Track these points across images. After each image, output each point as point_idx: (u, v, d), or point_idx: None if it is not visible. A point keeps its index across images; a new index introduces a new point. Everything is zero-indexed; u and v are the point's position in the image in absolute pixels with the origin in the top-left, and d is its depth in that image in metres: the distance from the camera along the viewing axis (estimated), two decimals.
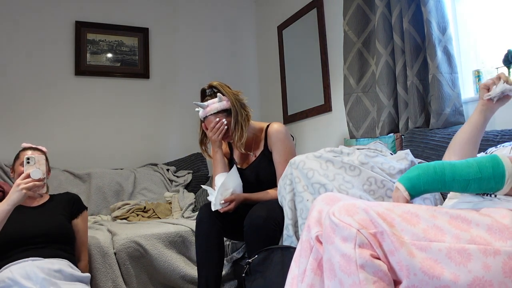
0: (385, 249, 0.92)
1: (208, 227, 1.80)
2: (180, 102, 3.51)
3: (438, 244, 0.90)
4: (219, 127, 1.85)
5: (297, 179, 1.66)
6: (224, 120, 1.84)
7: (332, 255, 0.94)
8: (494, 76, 1.26)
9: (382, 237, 0.92)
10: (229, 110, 1.86)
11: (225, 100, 1.85)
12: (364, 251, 0.90)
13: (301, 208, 1.64)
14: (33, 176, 1.47)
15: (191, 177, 3.14)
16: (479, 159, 1.05)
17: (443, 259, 0.88)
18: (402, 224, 0.93)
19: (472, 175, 1.04)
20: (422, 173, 1.09)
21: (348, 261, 0.90)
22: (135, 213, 2.70)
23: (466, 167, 1.05)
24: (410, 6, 2.05)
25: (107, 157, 3.20)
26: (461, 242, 0.89)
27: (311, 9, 2.99)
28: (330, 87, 2.85)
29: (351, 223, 0.93)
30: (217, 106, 1.84)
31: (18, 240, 1.64)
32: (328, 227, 0.96)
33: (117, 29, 3.33)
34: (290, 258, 1.49)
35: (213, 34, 3.70)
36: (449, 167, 1.06)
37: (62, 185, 2.79)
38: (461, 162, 1.07)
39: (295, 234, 1.63)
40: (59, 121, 3.10)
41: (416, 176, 1.09)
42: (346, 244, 0.92)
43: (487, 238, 0.89)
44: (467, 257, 0.88)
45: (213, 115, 1.85)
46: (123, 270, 2.04)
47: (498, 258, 0.87)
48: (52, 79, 3.11)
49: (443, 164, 1.07)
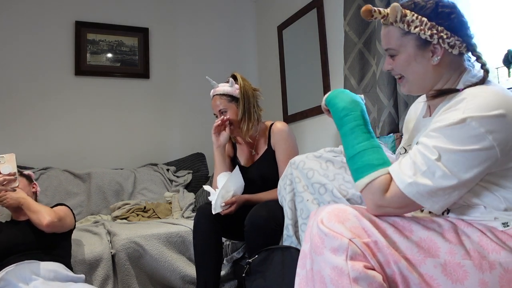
0: (380, 260, 0.87)
1: (205, 228, 1.81)
2: (180, 102, 3.51)
3: (433, 260, 0.87)
4: (221, 124, 1.88)
5: (297, 179, 1.66)
6: (228, 116, 1.87)
7: (322, 268, 0.88)
8: None
9: (376, 247, 0.87)
10: (236, 98, 1.90)
11: (236, 88, 1.90)
12: (357, 264, 0.85)
13: (301, 208, 1.64)
14: (3, 171, 1.63)
15: (191, 177, 3.14)
16: (369, 148, 0.97)
17: (439, 276, 0.86)
18: (395, 236, 0.89)
19: (347, 151, 1.01)
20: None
21: (340, 275, 0.85)
22: (135, 213, 2.70)
23: (350, 145, 1.00)
24: None
25: (107, 157, 3.20)
26: (456, 257, 0.86)
27: (311, 9, 2.99)
28: (330, 87, 2.84)
29: (342, 232, 0.87)
30: (225, 89, 1.90)
31: (11, 247, 1.70)
32: (316, 237, 0.90)
33: (117, 29, 3.32)
34: (290, 258, 1.49)
35: (213, 34, 3.70)
36: (347, 130, 1.01)
37: (62, 185, 2.79)
38: (355, 135, 1.00)
39: (295, 234, 1.63)
40: (59, 121, 3.09)
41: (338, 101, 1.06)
42: (337, 256, 0.86)
43: (481, 252, 0.87)
44: (463, 274, 0.85)
45: (219, 96, 1.91)
46: (123, 271, 2.04)
47: (494, 273, 0.85)
48: (52, 79, 3.11)
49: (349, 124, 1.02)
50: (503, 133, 0.84)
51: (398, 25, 0.99)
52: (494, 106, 0.85)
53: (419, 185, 0.88)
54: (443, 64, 1.00)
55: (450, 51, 0.98)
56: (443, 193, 0.87)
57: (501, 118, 0.84)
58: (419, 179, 0.88)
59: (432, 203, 0.89)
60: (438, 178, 0.87)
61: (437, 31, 0.97)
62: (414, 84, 1.04)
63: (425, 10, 0.98)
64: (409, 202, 0.90)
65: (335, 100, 1.07)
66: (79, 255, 1.97)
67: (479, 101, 0.87)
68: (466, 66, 1.02)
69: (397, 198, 0.90)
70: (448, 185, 0.87)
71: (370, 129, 1.02)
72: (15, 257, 1.67)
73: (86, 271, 1.94)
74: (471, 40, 1.00)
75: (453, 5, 1.00)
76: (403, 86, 1.07)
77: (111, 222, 2.50)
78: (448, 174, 0.86)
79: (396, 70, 1.05)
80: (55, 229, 1.73)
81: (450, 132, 0.87)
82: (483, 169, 0.86)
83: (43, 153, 2.99)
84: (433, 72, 1.01)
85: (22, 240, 1.72)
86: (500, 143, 0.85)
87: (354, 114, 1.02)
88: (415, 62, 1.01)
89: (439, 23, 0.97)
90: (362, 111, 1.03)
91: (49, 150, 3.03)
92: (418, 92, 1.07)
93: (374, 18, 1.00)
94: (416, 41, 0.99)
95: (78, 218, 2.71)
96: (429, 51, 0.99)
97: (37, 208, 1.73)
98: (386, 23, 1.02)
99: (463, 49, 0.99)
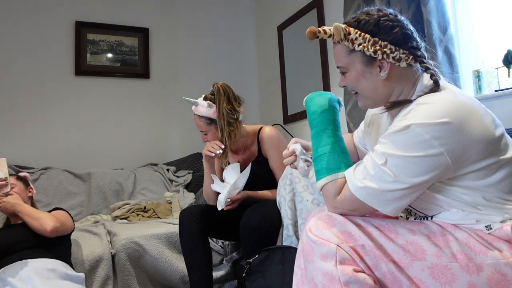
0: (369, 263, 0.89)
1: (190, 229, 1.82)
2: (180, 102, 3.49)
3: (420, 263, 0.88)
4: (213, 150, 1.84)
5: (297, 179, 1.66)
6: (219, 149, 1.83)
7: (314, 275, 0.90)
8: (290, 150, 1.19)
9: (364, 250, 0.89)
10: (214, 120, 1.88)
11: (213, 111, 1.87)
12: (346, 268, 0.87)
13: (300, 208, 1.64)
14: None
15: (191, 177, 3.14)
16: (336, 151, 1.02)
17: (427, 279, 0.87)
18: (380, 239, 0.91)
19: (313, 153, 1.06)
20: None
21: (331, 280, 0.87)
22: (135, 213, 2.70)
23: (314, 148, 1.05)
24: (410, 7, 2.05)
25: (107, 157, 3.20)
26: (442, 260, 0.87)
27: (311, 9, 2.99)
28: (330, 87, 2.84)
29: (330, 238, 0.90)
30: (203, 111, 1.89)
31: (10, 245, 1.70)
32: (306, 245, 0.93)
33: (117, 29, 3.32)
34: (290, 258, 1.49)
35: (213, 34, 3.70)
36: (322, 133, 1.06)
37: (62, 185, 2.79)
38: (320, 139, 1.05)
39: (295, 234, 1.63)
40: (59, 121, 3.10)
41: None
42: (326, 262, 0.88)
43: (468, 253, 0.87)
44: (451, 277, 0.86)
45: (198, 117, 1.92)
46: (123, 271, 2.04)
47: (482, 275, 0.85)
48: (52, 79, 3.11)
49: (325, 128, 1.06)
50: (450, 139, 0.85)
51: (344, 43, 1.01)
52: (440, 114, 0.86)
53: (368, 189, 0.91)
54: (392, 77, 1.01)
55: (397, 64, 0.99)
56: (392, 196, 0.90)
57: (445, 125, 0.85)
58: (368, 182, 0.91)
59: (384, 206, 0.91)
60: (385, 182, 0.90)
61: (380, 46, 0.98)
62: (368, 99, 1.06)
63: (368, 26, 0.99)
64: (360, 204, 0.93)
65: (310, 103, 1.13)
66: (79, 256, 1.97)
67: (425, 109, 0.88)
68: (418, 76, 1.02)
69: (348, 201, 0.95)
70: (394, 188, 0.89)
71: (338, 134, 1.05)
72: (14, 256, 1.67)
73: (86, 272, 1.94)
74: (417, 52, 1.01)
75: (396, 19, 1.01)
76: (359, 101, 1.10)
77: (111, 222, 2.50)
78: (394, 178, 0.89)
79: (349, 87, 1.07)
80: (58, 233, 1.74)
81: (396, 138, 0.89)
82: (433, 175, 0.88)
83: (43, 153, 2.99)
84: (384, 87, 1.02)
85: (22, 238, 1.72)
86: (449, 150, 0.86)
87: (322, 118, 1.07)
88: (364, 79, 1.02)
89: (382, 38, 0.98)
90: (333, 115, 1.07)
91: (49, 150, 3.03)
92: (373, 106, 1.09)
93: (320, 38, 1.02)
94: (362, 58, 1.01)
95: (78, 218, 2.72)
96: (376, 67, 1.00)
97: (37, 214, 1.74)
98: (335, 41, 1.04)
99: (410, 61, 1.00)
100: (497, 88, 1.84)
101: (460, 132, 0.86)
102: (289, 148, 1.18)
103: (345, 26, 1.01)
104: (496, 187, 0.90)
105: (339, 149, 1.02)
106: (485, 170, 0.89)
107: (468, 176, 0.90)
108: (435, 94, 0.94)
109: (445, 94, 0.93)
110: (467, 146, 0.86)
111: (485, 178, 0.90)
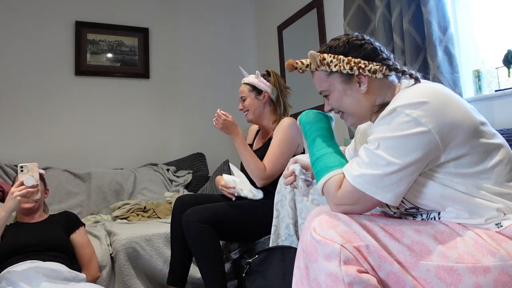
0: (372, 264, 0.89)
1: (179, 216, 1.91)
2: (180, 102, 3.51)
3: (425, 264, 0.87)
4: (220, 120, 1.93)
5: None
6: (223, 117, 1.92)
7: (318, 275, 0.90)
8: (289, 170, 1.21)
9: (368, 251, 0.89)
10: (257, 89, 2.06)
11: (261, 81, 2.06)
12: (350, 268, 0.87)
13: (300, 207, 1.64)
14: (26, 183, 1.53)
15: (191, 177, 3.15)
16: (331, 152, 1.06)
17: (433, 279, 0.87)
18: (385, 239, 0.91)
19: (310, 159, 1.09)
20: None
21: (335, 280, 0.87)
22: (135, 213, 2.70)
23: (311, 153, 1.09)
24: (410, 7, 2.05)
25: (107, 157, 3.20)
26: (448, 261, 0.87)
27: (311, 9, 2.99)
28: None
29: (334, 238, 0.89)
30: (251, 79, 2.08)
31: (18, 249, 1.71)
32: (309, 245, 0.92)
33: (117, 29, 3.33)
34: (290, 258, 1.50)
35: (213, 34, 3.70)
36: (317, 139, 1.11)
37: (62, 185, 2.79)
38: (316, 144, 1.09)
39: (296, 234, 1.64)
40: (59, 121, 3.10)
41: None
42: (330, 262, 0.88)
43: (476, 255, 0.87)
44: (457, 278, 0.85)
45: (244, 84, 2.11)
46: (123, 271, 2.04)
47: (488, 276, 0.85)
48: (52, 79, 3.11)
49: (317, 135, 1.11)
50: (435, 117, 0.90)
51: (322, 68, 1.08)
52: (419, 95, 0.92)
53: (364, 176, 0.93)
54: (372, 90, 1.07)
55: (374, 76, 1.06)
56: (389, 181, 0.91)
57: (428, 104, 0.90)
58: (364, 170, 0.94)
59: (383, 193, 0.92)
60: (381, 166, 0.92)
61: (354, 63, 1.05)
62: (354, 116, 1.12)
63: (339, 48, 1.08)
64: (360, 195, 0.94)
65: (302, 118, 1.18)
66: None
67: (407, 94, 0.96)
68: (397, 85, 1.09)
69: (348, 193, 0.96)
70: (390, 170, 0.91)
71: (333, 140, 1.10)
72: (19, 257, 1.68)
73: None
74: (389, 62, 1.08)
75: (362, 37, 1.10)
76: (345, 121, 1.15)
77: (111, 222, 2.50)
78: (388, 159, 0.91)
79: (334, 108, 1.13)
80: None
81: (385, 121, 0.94)
82: (424, 153, 0.90)
83: (43, 153, 2.99)
84: (366, 100, 1.08)
85: (30, 241, 1.74)
86: (435, 128, 0.89)
87: (316, 127, 1.13)
88: (346, 96, 1.09)
89: (354, 55, 1.06)
90: (326, 124, 1.14)
91: (49, 150, 3.03)
92: (360, 122, 1.14)
93: (299, 69, 1.09)
94: (341, 77, 1.08)
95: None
96: (355, 82, 1.07)
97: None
98: (312, 70, 1.10)
99: (385, 71, 1.06)
100: (497, 88, 1.84)
101: (443, 111, 0.90)
102: (289, 168, 1.21)
103: (319, 53, 1.09)
104: (489, 174, 0.91)
105: (335, 151, 1.06)
106: (475, 154, 0.91)
107: (460, 162, 0.91)
108: (416, 85, 1.01)
109: (425, 84, 1.01)
110: (452, 125, 0.90)
111: (477, 166, 0.91)
